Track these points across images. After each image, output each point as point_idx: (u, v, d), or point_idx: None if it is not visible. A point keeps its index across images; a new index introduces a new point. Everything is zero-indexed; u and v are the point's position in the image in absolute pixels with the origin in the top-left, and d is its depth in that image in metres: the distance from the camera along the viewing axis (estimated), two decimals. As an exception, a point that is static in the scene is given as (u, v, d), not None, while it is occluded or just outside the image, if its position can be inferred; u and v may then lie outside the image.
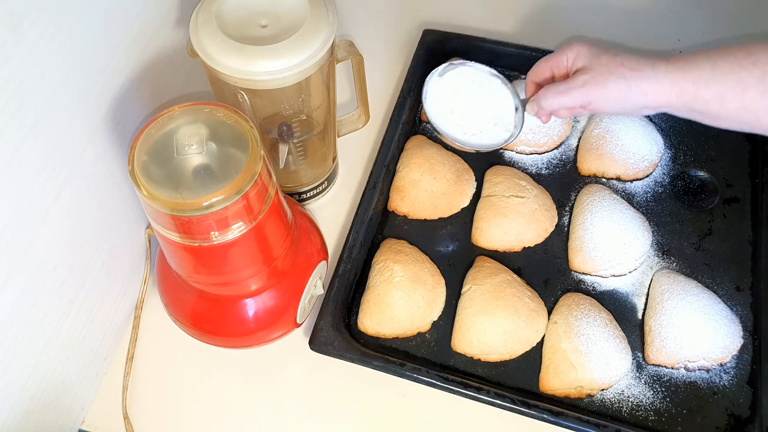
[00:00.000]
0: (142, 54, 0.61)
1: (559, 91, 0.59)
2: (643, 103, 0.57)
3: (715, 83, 0.54)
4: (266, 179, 0.50)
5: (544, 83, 0.63)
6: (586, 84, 0.57)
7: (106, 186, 0.59)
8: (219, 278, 0.56)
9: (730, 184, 0.74)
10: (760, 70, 0.52)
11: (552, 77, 0.63)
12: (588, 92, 0.58)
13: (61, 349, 0.57)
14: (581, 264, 0.68)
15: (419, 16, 0.92)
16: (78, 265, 0.57)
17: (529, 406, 0.58)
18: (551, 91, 0.60)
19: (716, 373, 0.63)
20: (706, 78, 0.54)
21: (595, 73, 0.57)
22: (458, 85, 0.67)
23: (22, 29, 0.44)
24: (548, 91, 0.60)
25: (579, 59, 0.59)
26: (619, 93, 0.57)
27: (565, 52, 0.61)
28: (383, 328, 0.65)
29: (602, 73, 0.57)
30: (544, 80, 0.64)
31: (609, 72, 0.57)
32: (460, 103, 0.66)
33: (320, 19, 0.57)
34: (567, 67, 0.61)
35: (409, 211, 0.73)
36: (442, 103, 0.67)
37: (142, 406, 0.64)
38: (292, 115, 0.65)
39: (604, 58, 0.58)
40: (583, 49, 0.59)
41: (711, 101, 0.54)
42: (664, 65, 0.56)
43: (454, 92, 0.67)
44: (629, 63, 0.57)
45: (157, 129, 0.48)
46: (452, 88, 0.67)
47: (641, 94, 0.56)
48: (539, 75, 0.64)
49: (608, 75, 0.57)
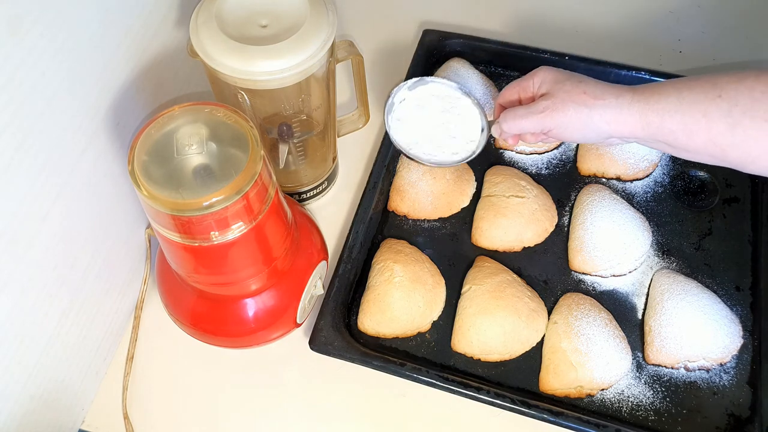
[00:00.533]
0: (142, 54, 0.61)
1: (519, 115, 0.60)
2: (607, 132, 0.57)
3: (680, 115, 0.53)
4: (266, 179, 0.50)
5: (509, 106, 0.63)
6: (546, 110, 0.58)
7: (106, 186, 0.59)
8: (219, 278, 0.56)
9: (730, 184, 0.74)
10: (726, 103, 0.51)
11: (519, 101, 0.63)
12: (548, 118, 0.58)
13: (61, 349, 0.57)
14: (581, 264, 0.68)
15: (419, 16, 0.92)
16: (78, 265, 0.57)
17: (529, 406, 0.58)
18: (512, 114, 0.60)
19: (716, 373, 0.63)
20: (671, 109, 0.53)
21: (557, 100, 0.57)
22: (426, 101, 0.68)
23: (22, 30, 0.44)
24: (509, 113, 0.61)
25: (544, 85, 0.60)
26: (579, 121, 0.57)
27: (532, 77, 0.61)
28: (383, 328, 0.65)
29: (563, 100, 0.57)
30: (510, 103, 0.64)
31: (570, 99, 0.57)
32: (426, 119, 0.68)
33: (320, 19, 0.57)
34: (533, 91, 0.61)
35: (409, 211, 0.73)
36: (407, 118, 0.68)
37: (142, 406, 0.64)
38: (292, 115, 0.65)
39: (567, 84, 0.58)
40: (549, 75, 0.60)
41: (677, 132, 0.54)
42: (629, 95, 0.56)
43: (420, 107, 0.68)
44: (592, 91, 0.57)
45: (157, 129, 0.48)
46: (420, 103, 0.68)
47: (604, 123, 0.56)
48: (506, 98, 0.65)
49: (569, 102, 0.57)
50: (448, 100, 0.68)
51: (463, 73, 0.79)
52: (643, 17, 0.91)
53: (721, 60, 0.86)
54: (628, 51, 0.86)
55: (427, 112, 0.68)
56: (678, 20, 0.91)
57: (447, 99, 0.68)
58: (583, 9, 0.92)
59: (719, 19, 0.91)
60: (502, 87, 0.81)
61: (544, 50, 0.80)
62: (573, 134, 0.58)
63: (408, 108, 0.68)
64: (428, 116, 0.68)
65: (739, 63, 0.85)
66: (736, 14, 0.91)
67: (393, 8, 0.94)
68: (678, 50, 0.88)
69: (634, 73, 0.77)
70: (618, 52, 0.84)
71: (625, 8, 0.92)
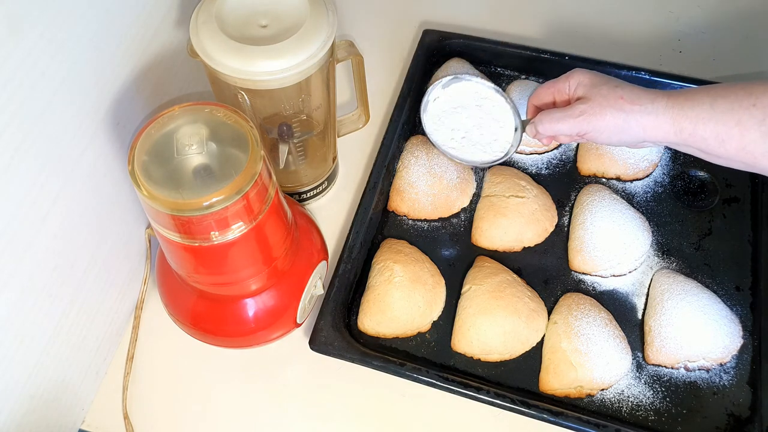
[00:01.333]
0: (142, 54, 0.61)
1: (556, 118, 0.59)
2: (642, 137, 0.57)
3: (713, 123, 0.53)
4: (266, 179, 0.50)
5: (544, 108, 0.63)
6: (584, 114, 0.58)
7: (106, 186, 0.59)
8: (219, 278, 0.56)
9: (730, 184, 0.74)
10: (760, 112, 0.51)
11: (553, 102, 0.63)
12: (585, 122, 0.58)
13: (61, 349, 0.57)
14: (581, 264, 0.68)
15: (419, 16, 0.92)
16: (78, 265, 0.57)
17: (529, 406, 0.58)
18: (548, 116, 0.60)
19: (716, 373, 0.63)
20: (704, 117, 0.54)
21: (594, 104, 0.57)
22: (460, 99, 0.68)
23: (22, 30, 0.44)
24: (545, 116, 0.61)
25: (580, 88, 0.60)
26: (616, 125, 0.57)
27: (567, 80, 0.61)
28: (383, 328, 0.65)
29: (601, 105, 0.57)
30: (545, 105, 0.64)
31: (608, 104, 0.57)
32: (460, 117, 0.68)
33: (320, 19, 0.57)
34: (568, 94, 0.61)
35: (409, 211, 0.73)
36: (441, 116, 0.68)
37: (142, 406, 0.64)
38: (292, 115, 0.65)
39: (604, 89, 0.58)
40: (585, 78, 0.60)
41: (709, 140, 0.54)
42: (664, 100, 0.56)
43: (455, 105, 0.68)
44: (629, 96, 0.57)
45: (157, 129, 0.48)
46: (454, 101, 0.68)
47: (640, 128, 0.56)
48: (540, 99, 0.64)
49: (607, 107, 0.57)
50: (482, 99, 0.68)
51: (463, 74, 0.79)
52: (643, 17, 0.91)
53: (721, 60, 0.86)
54: (628, 51, 0.86)
55: (461, 111, 0.68)
56: (678, 20, 0.91)
57: (481, 97, 0.68)
58: (583, 9, 0.92)
59: (719, 19, 0.91)
60: (503, 87, 0.82)
61: (544, 50, 0.81)
62: (609, 138, 0.59)
63: (442, 106, 0.68)
64: (462, 115, 0.68)
65: (739, 63, 0.85)
66: (736, 14, 0.91)
67: (393, 8, 0.94)
68: (678, 50, 0.88)
69: (634, 73, 0.77)
70: (618, 52, 0.84)
71: (625, 8, 0.92)
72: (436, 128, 0.68)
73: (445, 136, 0.67)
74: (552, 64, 0.80)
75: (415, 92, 0.79)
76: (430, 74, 0.82)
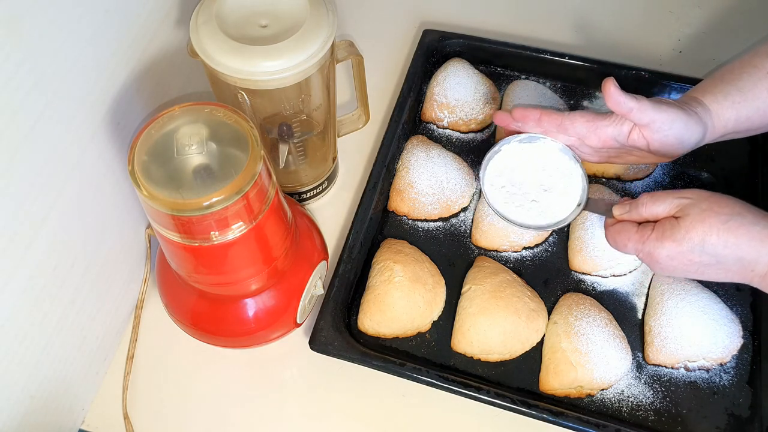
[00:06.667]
0: (142, 54, 0.61)
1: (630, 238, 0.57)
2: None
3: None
4: (266, 179, 0.50)
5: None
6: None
7: (106, 186, 0.59)
8: (219, 278, 0.56)
9: (730, 184, 0.74)
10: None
11: None
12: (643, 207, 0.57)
13: (61, 349, 0.57)
14: (581, 264, 0.68)
15: (419, 16, 0.92)
16: (78, 265, 0.57)
17: (529, 406, 0.58)
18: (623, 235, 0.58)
19: (716, 373, 0.63)
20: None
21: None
22: (530, 158, 0.66)
23: (22, 30, 0.44)
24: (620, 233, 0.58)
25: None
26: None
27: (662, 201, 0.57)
28: (383, 328, 0.65)
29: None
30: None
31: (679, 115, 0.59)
32: (522, 177, 0.66)
33: (320, 19, 0.57)
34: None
35: (409, 211, 0.73)
36: (503, 171, 0.66)
37: (142, 406, 0.64)
38: (292, 115, 0.65)
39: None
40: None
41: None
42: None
43: (520, 163, 0.66)
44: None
45: (157, 129, 0.48)
46: (522, 158, 0.66)
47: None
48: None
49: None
50: (552, 162, 0.65)
51: (463, 73, 0.79)
52: (643, 17, 0.91)
53: (721, 60, 0.86)
54: (628, 51, 0.86)
55: (525, 171, 0.66)
56: (678, 20, 0.91)
57: (551, 159, 0.66)
58: (583, 9, 0.92)
59: (719, 19, 0.91)
60: (502, 87, 0.82)
61: (544, 50, 0.81)
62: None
63: (506, 162, 0.66)
64: (526, 175, 0.66)
65: (739, 63, 0.85)
66: (736, 14, 0.91)
67: (393, 8, 0.94)
68: (678, 50, 0.88)
69: (634, 73, 0.77)
70: (618, 52, 0.84)
71: (625, 8, 0.92)
72: (495, 184, 0.66)
73: (502, 197, 0.65)
74: (552, 64, 0.80)
75: (415, 92, 0.79)
76: (430, 74, 0.82)
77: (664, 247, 0.53)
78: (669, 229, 0.53)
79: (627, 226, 0.57)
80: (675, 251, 0.53)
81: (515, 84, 0.81)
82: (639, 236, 0.55)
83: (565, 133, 0.63)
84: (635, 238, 0.56)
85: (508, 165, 0.66)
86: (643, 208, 0.56)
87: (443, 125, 0.80)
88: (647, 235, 0.55)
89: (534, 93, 0.78)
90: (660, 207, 0.55)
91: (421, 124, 0.81)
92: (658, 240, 0.54)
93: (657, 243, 0.54)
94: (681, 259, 0.53)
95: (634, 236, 0.56)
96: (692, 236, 0.52)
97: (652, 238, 0.54)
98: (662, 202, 0.55)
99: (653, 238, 0.54)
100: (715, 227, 0.51)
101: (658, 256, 0.54)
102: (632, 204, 0.58)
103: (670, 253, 0.53)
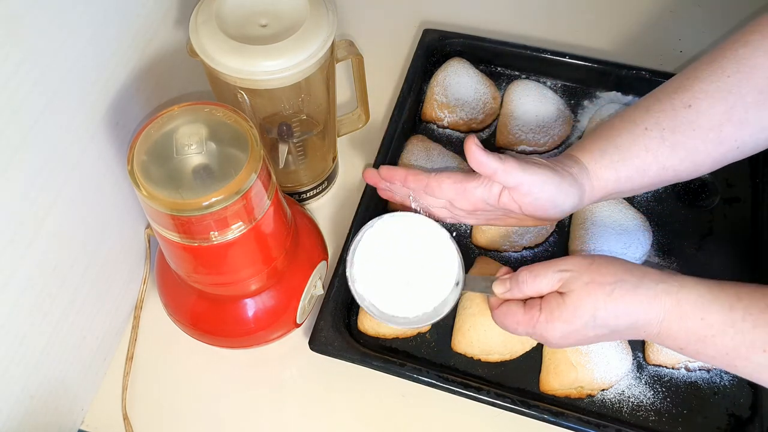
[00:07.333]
0: (142, 54, 0.61)
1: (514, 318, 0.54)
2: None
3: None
4: (266, 179, 0.50)
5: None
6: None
7: (106, 186, 0.59)
8: (219, 278, 0.56)
9: (730, 184, 0.74)
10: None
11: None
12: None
13: (61, 349, 0.57)
14: (581, 264, 0.68)
15: (419, 16, 0.92)
16: (78, 265, 0.57)
17: (529, 407, 0.58)
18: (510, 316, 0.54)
19: (716, 373, 0.63)
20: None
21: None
22: (396, 238, 0.60)
23: (22, 29, 0.44)
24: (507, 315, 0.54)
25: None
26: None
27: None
28: (383, 328, 0.65)
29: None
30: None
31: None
32: (387, 260, 0.59)
33: (320, 18, 0.57)
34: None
35: (409, 211, 0.73)
36: (368, 257, 0.59)
37: (142, 406, 0.64)
38: (292, 115, 0.65)
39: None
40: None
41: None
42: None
43: (385, 245, 0.60)
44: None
45: (157, 129, 0.48)
46: (386, 239, 0.60)
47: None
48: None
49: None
50: (424, 239, 0.59)
51: (464, 73, 0.79)
52: (643, 17, 0.91)
53: (721, 60, 0.86)
54: (628, 51, 0.86)
55: (396, 251, 0.59)
56: (678, 20, 0.91)
57: (420, 236, 0.59)
58: (583, 9, 0.92)
59: (719, 19, 0.91)
60: (503, 87, 0.82)
61: (545, 50, 0.80)
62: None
63: (371, 247, 0.59)
64: (397, 256, 0.59)
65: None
66: (736, 14, 0.91)
67: (393, 8, 0.94)
68: (678, 50, 0.87)
69: (634, 73, 0.77)
70: (618, 52, 0.84)
71: (625, 8, 0.92)
72: (360, 275, 0.59)
73: (367, 287, 0.59)
74: (553, 64, 0.80)
75: (416, 92, 0.79)
76: (431, 74, 0.82)
77: (555, 329, 0.50)
78: (557, 308, 0.50)
79: (513, 308, 0.53)
80: (567, 330, 0.50)
81: (515, 84, 0.81)
82: (528, 318, 0.52)
83: (432, 195, 0.59)
84: (524, 321, 0.52)
85: (379, 244, 0.60)
86: (525, 286, 0.53)
87: (443, 125, 0.80)
88: (536, 318, 0.51)
89: (534, 93, 0.78)
90: (542, 283, 0.52)
91: (421, 124, 0.81)
92: (548, 322, 0.51)
93: (548, 325, 0.51)
94: (576, 336, 0.51)
95: (522, 319, 0.52)
96: (581, 314, 0.49)
97: (541, 320, 0.51)
98: (543, 276, 0.51)
99: (542, 320, 0.51)
100: (601, 300, 0.49)
101: (551, 338, 0.51)
102: (512, 281, 0.54)
103: (563, 333, 0.51)
